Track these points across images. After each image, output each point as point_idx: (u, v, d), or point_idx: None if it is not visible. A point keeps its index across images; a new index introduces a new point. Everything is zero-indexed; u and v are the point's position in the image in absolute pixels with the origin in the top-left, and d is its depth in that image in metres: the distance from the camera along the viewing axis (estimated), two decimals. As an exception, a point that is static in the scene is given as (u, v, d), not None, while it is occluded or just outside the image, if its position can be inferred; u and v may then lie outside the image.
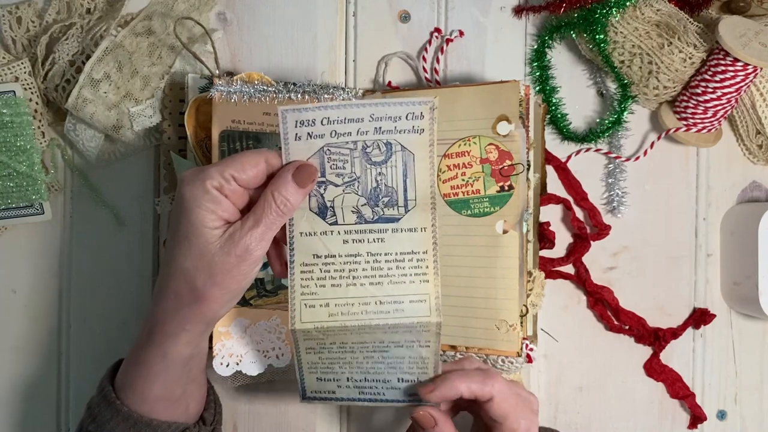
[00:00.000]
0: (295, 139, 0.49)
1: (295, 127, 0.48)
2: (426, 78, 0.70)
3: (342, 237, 0.50)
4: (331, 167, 0.50)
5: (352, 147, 0.50)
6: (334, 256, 0.50)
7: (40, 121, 0.66)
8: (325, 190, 0.50)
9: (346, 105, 0.48)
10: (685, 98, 0.67)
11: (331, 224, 0.50)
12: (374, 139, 0.50)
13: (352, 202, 0.50)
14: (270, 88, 0.62)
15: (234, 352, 0.61)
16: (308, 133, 0.49)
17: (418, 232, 0.51)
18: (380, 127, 0.49)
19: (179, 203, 0.48)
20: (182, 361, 0.51)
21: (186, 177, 0.48)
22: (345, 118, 0.48)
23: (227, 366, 0.61)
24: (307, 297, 0.50)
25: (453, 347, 0.62)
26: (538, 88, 0.70)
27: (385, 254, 0.50)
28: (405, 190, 0.51)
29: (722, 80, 0.64)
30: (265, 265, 0.62)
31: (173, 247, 0.48)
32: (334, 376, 0.53)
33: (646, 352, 0.72)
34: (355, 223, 0.50)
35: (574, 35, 0.69)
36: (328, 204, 0.50)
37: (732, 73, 0.64)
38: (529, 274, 0.63)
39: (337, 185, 0.50)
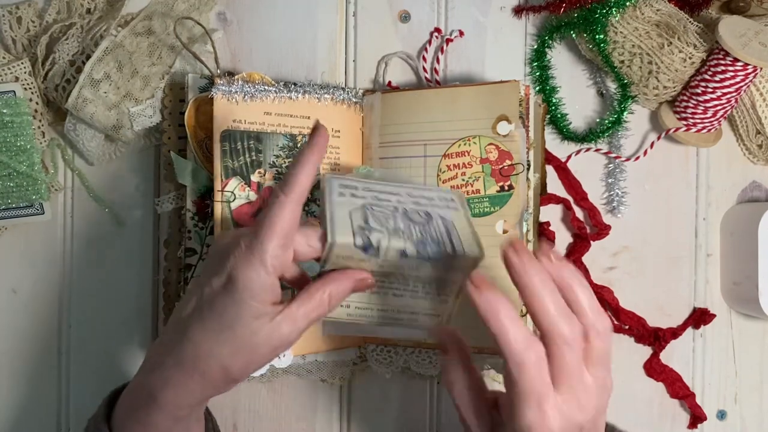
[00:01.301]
0: (339, 195, 0.48)
1: (339, 187, 0.48)
2: (426, 78, 0.70)
3: (379, 263, 0.49)
4: (374, 221, 0.49)
5: (393, 209, 0.50)
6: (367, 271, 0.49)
7: (40, 121, 0.66)
8: (370, 233, 0.48)
9: (385, 184, 0.50)
10: (685, 98, 0.67)
11: (371, 256, 0.48)
12: (413, 209, 0.51)
13: (397, 244, 0.48)
14: (270, 88, 0.62)
15: None
16: (351, 193, 0.49)
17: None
18: (418, 201, 0.51)
19: (228, 285, 0.44)
20: (192, 422, 0.50)
21: (239, 253, 0.44)
22: (383, 190, 0.49)
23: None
24: None
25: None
26: (538, 88, 0.70)
27: (415, 277, 0.50)
28: (451, 242, 0.49)
29: (722, 80, 0.64)
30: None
31: (207, 330, 0.45)
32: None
33: (646, 352, 0.72)
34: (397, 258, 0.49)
35: (574, 35, 0.69)
36: (374, 244, 0.48)
37: (732, 73, 0.64)
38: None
39: (380, 230, 0.49)
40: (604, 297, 0.70)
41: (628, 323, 0.71)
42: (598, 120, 0.71)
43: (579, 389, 0.43)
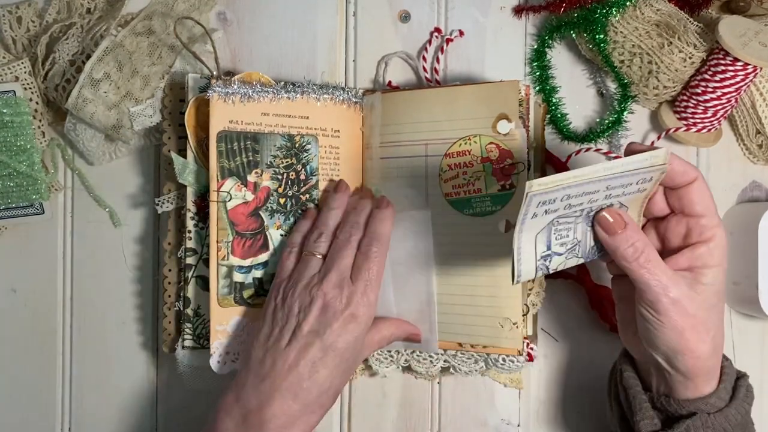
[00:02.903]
0: (532, 217, 0.48)
1: (536, 206, 0.48)
2: (426, 78, 0.70)
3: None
4: (556, 238, 0.51)
5: (578, 214, 0.50)
6: None
7: (40, 120, 0.66)
8: (550, 262, 0.52)
9: (589, 181, 0.48)
10: (685, 98, 0.67)
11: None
12: (601, 204, 0.51)
13: (573, 263, 0.53)
14: (268, 88, 0.62)
15: (231, 350, 0.61)
16: (545, 210, 0.49)
17: None
18: (611, 194, 0.50)
19: (351, 325, 0.55)
20: None
21: (359, 297, 0.56)
22: (582, 192, 0.49)
23: (225, 364, 0.61)
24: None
25: (459, 344, 0.62)
26: (538, 87, 0.70)
27: None
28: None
29: (722, 80, 0.64)
30: (264, 264, 0.62)
31: (331, 368, 0.55)
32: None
33: (646, 352, 0.72)
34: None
35: (574, 35, 0.69)
36: (551, 270, 0.52)
37: (732, 73, 0.64)
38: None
39: (560, 254, 0.52)
40: (604, 297, 0.70)
41: (628, 323, 0.71)
42: (598, 120, 0.71)
43: None
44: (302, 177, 0.64)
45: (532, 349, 0.61)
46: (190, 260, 0.63)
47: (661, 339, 0.52)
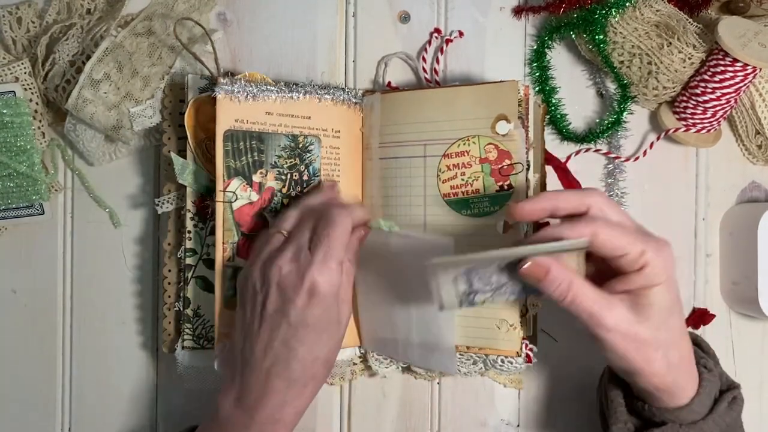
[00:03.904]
0: (443, 272, 0.50)
1: (443, 271, 0.50)
2: (426, 78, 0.70)
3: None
4: (478, 279, 0.51)
5: (497, 266, 0.51)
6: None
7: (40, 121, 0.66)
8: (474, 297, 0.52)
9: (498, 258, 0.50)
10: (685, 98, 0.67)
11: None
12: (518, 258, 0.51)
13: (501, 299, 0.53)
14: (272, 88, 0.62)
15: (230, 347, 0.61)
16: (455, 266, 0.51)
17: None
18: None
19: (313, 299, 0.52)
20: None
21: (315, 267, 0.52)
22: (491, 262, 0.51)
23: (227, 366, 0.61)
24: None
25: (457, 346, 0.62)
26: (537, 88, 0.70)
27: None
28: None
29: (721, 80, 0.64)
30: (265, 265, 0.62)
31: (308, 343, 0.52)
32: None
33: (645, 352, 0.72)
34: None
35: (573, 36, 0.69)
36: (478, 304, 0.53)
37: (731, 74, 0.64)
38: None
39: (484, 292, 0.52)
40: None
41: (627, 323, 0.71)
42: (597, 120, 0.71)
43: None
44: (305, 177, 0.64)
45: (531, 350, 0.61)
46: (189, 260, 0.63)
47: (611, 362, 0.53)
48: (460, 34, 0.70)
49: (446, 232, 0.62)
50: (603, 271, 0.53)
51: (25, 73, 0.65)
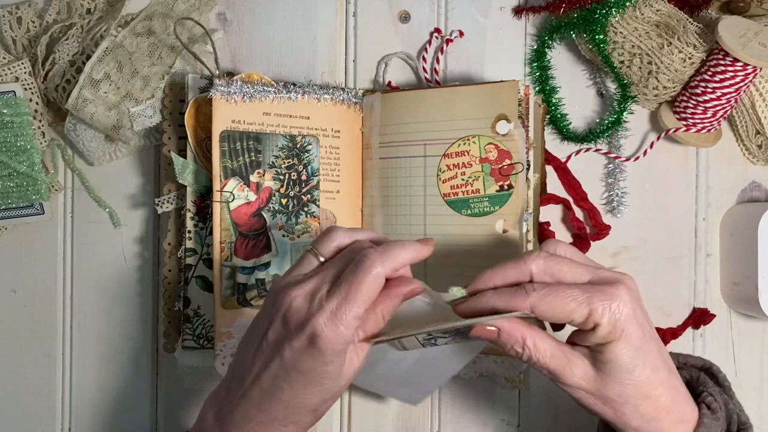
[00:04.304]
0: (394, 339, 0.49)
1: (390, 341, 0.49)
2: (426, 78, 0.70)
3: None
4: (435, 332, 0.49)
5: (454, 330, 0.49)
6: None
7: (40, 121, 0.66)
8: (435, 341, 0.51)
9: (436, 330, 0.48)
10: (685, 98, 0.67)
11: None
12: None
13: (462, 341, 0.52)
14: (270, 89, 0.62)
15: (235, 352, 0.61)
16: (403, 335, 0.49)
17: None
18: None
19: (311, 349, 0.45)
20: None
21: (323, 319, 0.45)
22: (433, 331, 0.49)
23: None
24: None
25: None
26: (537, 88, 0.70)
27: None
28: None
29: (722, 80, 0.64)
30: (266, 265, 0.63)
31: (296, 388, 0.47)
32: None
33: (645, 352, 0.72)
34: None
35: (573, 35, 0.69)
36: (440, 344, 0.51)
37: (731, 74, 0.64)
38: (529, 274, 0.62)
39: (444, 337, 0.50)
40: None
41: (627, 323, 0.71)
42: (597, 120, 0.71)
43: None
44: (303, 177, 0.64)
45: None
46: (190, 260, 0.63)
47: (586, 409, 0.50)
48: (461, 33, 0.70)
49: (446, 232, 0.62)
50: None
51: (25, 72, 0.65)
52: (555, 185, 0.70)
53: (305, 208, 0.64)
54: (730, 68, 0.63)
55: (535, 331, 0.47)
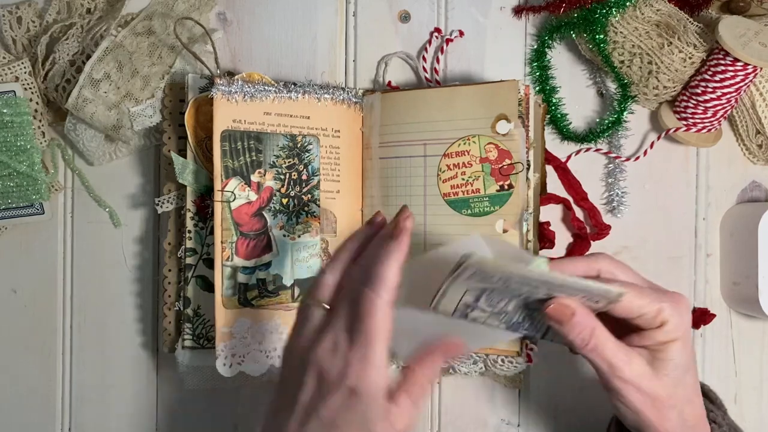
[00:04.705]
0: (466, 279, 0.47)
1: (470, 275, 0.46)
2: (426, 78, 0.70)
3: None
4: (486, 299, 0.49)
5: (516, 294, 0.48)
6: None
7: (40, 121, 0.66)
8: (470, 311, 0.50)
9: (535, 279, 0.47)
10: (685, 98, 0.67)
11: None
12: (542, 296, 0.49)
13: (492, 323, 0.51)
14: (270, 88, 0.62)
15: (236, 353, 0.61)
16: (481, 278, 0.47)
17: None
18: (551, 294, 0.48)
19: (352, 401, 0.45)
20: None
21: (356, 368, 0.45)
22: (524, 283, 0.47)
23: (230, 366, 0.61)
24: None
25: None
26: (538, 88, 0.70)
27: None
28: (546, 331, 0.52)
29: (722, 80, 0.64)
30: (267, 265, 0.63)
31: None
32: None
33: (646, 351, 0.72)
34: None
35: (574, 35, 0.69)
36: (469, 319, 0.51)
37: (732, 73, 0.64)
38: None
39: (484, 311, 0.50)
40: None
41: (628, 323, 0.71)
42: (598, 120, 0.71)
43: None
44: (304, 177, 0.64)
45: (531, 350, 0.61)
46: (190, 260, 0.63)
47: (622, 416, 0.52)
48: (461, 33, 0.70)
49: (446, 232, 0.62)
50: (619, 324, 0.51)
51: (25, 72, 0.64)
52: (555, 185, 0.71)
53: (306, 208, 0.64)
54: (730, 68, 0.63)
55: (601, 324, 0.49)
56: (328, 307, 0.49)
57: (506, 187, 0.61)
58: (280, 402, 0.48)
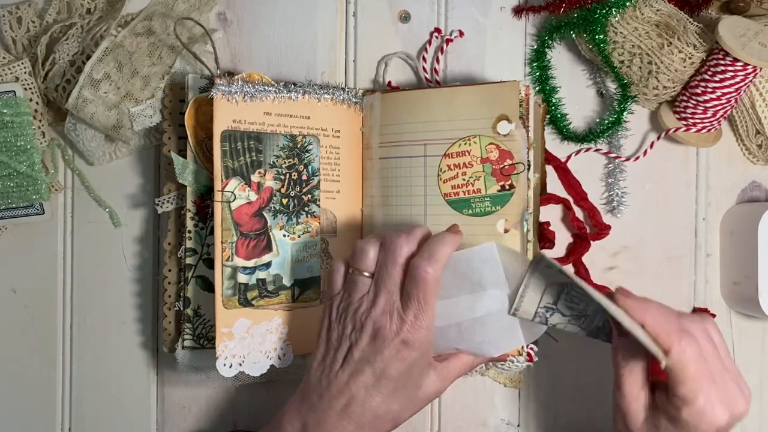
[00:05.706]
0: (547, 267, 0.50)
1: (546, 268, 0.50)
2: (426, 78, 0.70)
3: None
4: (566, 299, 0.52)
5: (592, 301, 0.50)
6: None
7: (40, 121, 0.66)
8: (550, 315, 0.52)
9: (590, 296, 0.49)
10: (685, 98, 0.67)
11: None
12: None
13: (572, 330, 0.53)
14: (270, 88, 0.62)
15: (237, 353, 0.61)
16: (558, 270, 0.50)
17: None
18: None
19: (402, 352, 0.53)
20: None
21: (410, 325, 0.53)
22: (583, 297, 0.51)
23: (230, 367, 0.61)
24: None
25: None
26: (538, 88, 0.70)
27: None
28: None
29: (722, 80, 0.64)
30: (267, 265, 0.62)
31: (385, 395, 0.54)
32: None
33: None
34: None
35: (574, 35, 0.69)
36: (549, 325, 0.53)
37: (731, 73, 0.64)
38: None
39: (563, 314, 0.52)
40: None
41: (628, 323, 0.71)
42: (598, 120, 0.71)
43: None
44: (304, 177, 0.64)
45: (531, 349, 0.61)
46: (190, 260, 0.63)
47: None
48: (461, 33, 0.70)
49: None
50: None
51: (25, 72, 0.64)
52: (555, 185, 0.71)
53: (306, 208, 0.64)
54: (730, 68, 0.63)
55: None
56: (369, 275, 0.56)
57: (507, 187, 0.61)
58: (328, 356, 0.55)
